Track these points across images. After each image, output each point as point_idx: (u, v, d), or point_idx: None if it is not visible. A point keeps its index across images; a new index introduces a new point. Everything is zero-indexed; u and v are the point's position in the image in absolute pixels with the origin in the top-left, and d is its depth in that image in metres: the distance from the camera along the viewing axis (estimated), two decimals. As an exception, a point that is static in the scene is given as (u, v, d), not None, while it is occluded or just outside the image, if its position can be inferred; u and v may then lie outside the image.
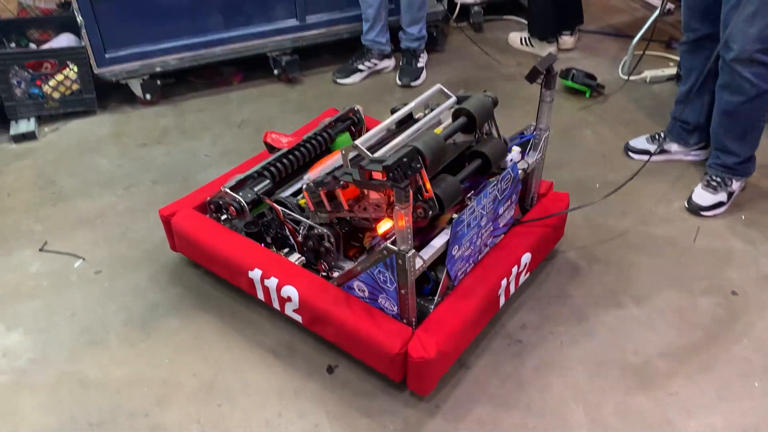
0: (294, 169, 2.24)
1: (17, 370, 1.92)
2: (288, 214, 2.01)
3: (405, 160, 1.51)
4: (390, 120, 1.91)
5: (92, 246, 2.36)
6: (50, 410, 1.81)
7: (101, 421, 1.77)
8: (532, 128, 2.09)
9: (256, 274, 1.95)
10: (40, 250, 2.35)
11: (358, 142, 1.73)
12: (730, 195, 2.47)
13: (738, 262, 2.25)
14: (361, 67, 3.39)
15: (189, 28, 3.18)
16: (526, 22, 3.67)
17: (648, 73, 3.33)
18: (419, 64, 3.39)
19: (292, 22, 3.35)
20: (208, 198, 2.14)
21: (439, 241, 1.77)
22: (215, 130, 3.00)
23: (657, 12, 3.49)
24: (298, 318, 1.92)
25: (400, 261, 1.64)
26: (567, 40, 3.62)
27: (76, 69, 2.99)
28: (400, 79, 3.36)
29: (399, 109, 1.98)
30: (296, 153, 2.25)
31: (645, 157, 2.71)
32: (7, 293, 2.17)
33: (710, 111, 2.54)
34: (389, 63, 3.48)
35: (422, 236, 1.79)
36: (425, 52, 3.45)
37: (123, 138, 2.95)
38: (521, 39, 3.63)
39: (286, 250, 2.03)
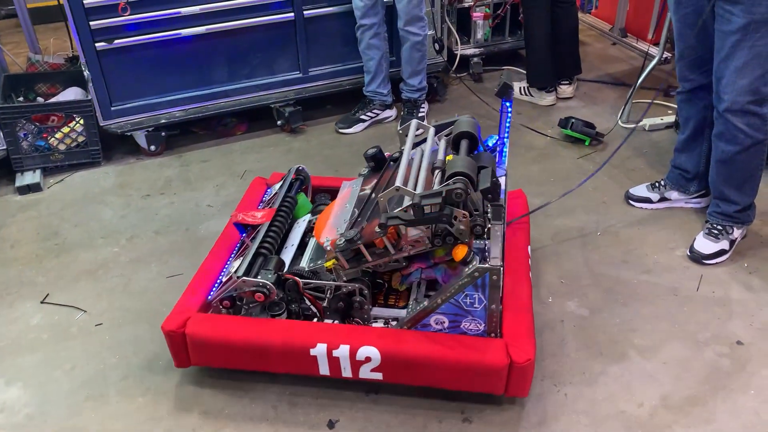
0: (281, 238, 2.20)
1: (15, 426, 1.90)
2: (308, 283, 1.95)
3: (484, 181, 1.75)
4: (404, 161, 1.96)
5: (94, 298, 2.36)
6: (47, 468, 1.78)
7: (98, 479, 1.75)
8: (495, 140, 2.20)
9: (320, 349, 1.83)
10: (42, 302, 2.35)
11: (399, 184, 1.79)
12: (732, 243, 2.47)
13: (742, 311, 2.23)
14: (363, 117, 3.44)
15: (194, 80, 3.24)
16: (524, 72, 3.74)
17: (647, 121, 3.36)
18: (420, 114, 3.44)
19: (295, 74, 3.42)
20: (220, 294, 1.97)
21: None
22: (218, 180, 3.04)
23: (655, 60, 3.56)
24: (378, 376, 1.86)
25: (494, 276, 1.75)
26: (565, 89, 3.68)
27: (82, 122, 3.05)
28: (401, 129, 3.39)
29: (397, 157, 2.01)
30: (277, 223, 2.20)
31: (646, 205, 2.73)
32: (7, 346, 2.17)
33: (709, 159, 2.55)
34: (391, 113, 3.53)
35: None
36: (426, 102, 3.50)
37: (127, 189, 2.99)
38: (520, 89, 3.69)
39: (315, 320, 1.98)
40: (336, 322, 1.96)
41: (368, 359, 1.83)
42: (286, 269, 2.02)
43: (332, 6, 3.32)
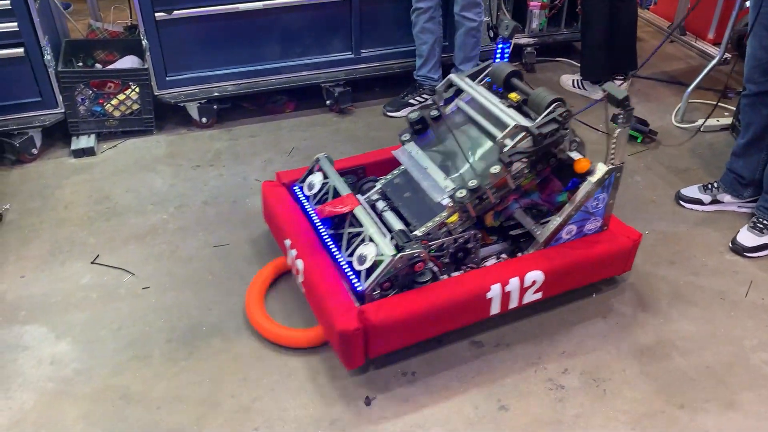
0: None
1: (63, 379, 1.96)
2: (430, 245, 2.01)
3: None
4: (472, 111, 2.21)
5: (142, 262, 2.41)
6: (92, 422, 1.84)
7: (140, 436, 1.80)
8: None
9: (495, 290, 2.00)
10: (92, 262, 2.41)
11: (493, 129, 2.07)
12: None
13: (792, 320, 2.18)
14: (411, 101, 3.43)
15: (247, 56, 3.27)
16: (578, 64, 3.68)
17: (702, 122, 3.28)
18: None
19: (347, 54, 3.42)
20: (377, 279, 1.91)
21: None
22: (266, 156, 3.07)
23: (715, 60, 3.47)
24: (538, 296, 2.10)
25: (618, 174, 2.09)
26: (619, 84, 3.61)
27: (137, 90, 3.10)
28: (449, 115, 3.38)
29: (437, 115, 2.28)
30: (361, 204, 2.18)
31: (697, 207, 2.67)
32: (58, 302, 2.24)
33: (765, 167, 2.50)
34: (440, 98, 3.51)
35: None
36: (476, 89, 3.47)
37: (177, 158, 3.04)
38: (573, 81, 3.63)
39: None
40: (453, 273, 2.09)
41: (534, 282, 2.05)
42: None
43: (388, -12, 3.31)
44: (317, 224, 2.18)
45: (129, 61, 3.26)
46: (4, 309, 2.20)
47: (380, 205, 2.20)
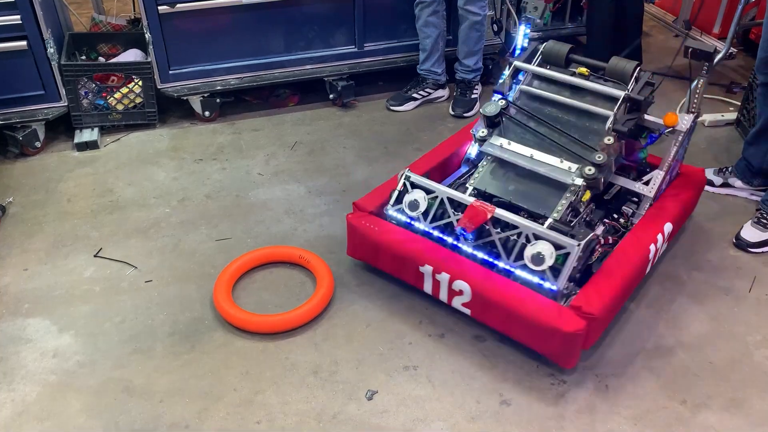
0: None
1: (66, 372, 1.97)
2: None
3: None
4: (559, 96, 2.29)
5: (145, 255, 2.41)
6: (95, 414, 1.84)
7: (143, 430, 1.80)
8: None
9: (652, 249, 2.13)
10: (95, 255, 2.42)
11: (589, 105, 2.20)
12: None
13: (796, 316, 2.17)
14: (415, 95, 3.42)
15: (250, 49, 3.26)
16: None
17: (706, 117, 3.27)
18: (473, 96, 3.41)
19: (351, 48, 3.41)
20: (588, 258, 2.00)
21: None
22: (269, 150, 3.06)
23: (720, 55, 3.44)
24: (665, 246, 2.26)
25: (696, 121, 2.30)
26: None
27: (140, 83, 3.10)
28: (453, 110, 3.38)
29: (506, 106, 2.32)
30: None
31: (708, 187, 2.69)
32: (62, 295, 2.24)
33: None
34: (443, 93, 3.50)
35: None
36: (480, 83, 3.46)
37: (180, 152, 3.04)
38: (577, 76, 3.61)
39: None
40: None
41: (667, 233, 2.24)
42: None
43: (392, -19, 3.30)
44: (447, 242, 2.12)
45: (132, 55, 3.26)
46: (8, 302, 2.20)
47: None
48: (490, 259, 2.04)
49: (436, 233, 2.15)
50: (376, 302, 2.21)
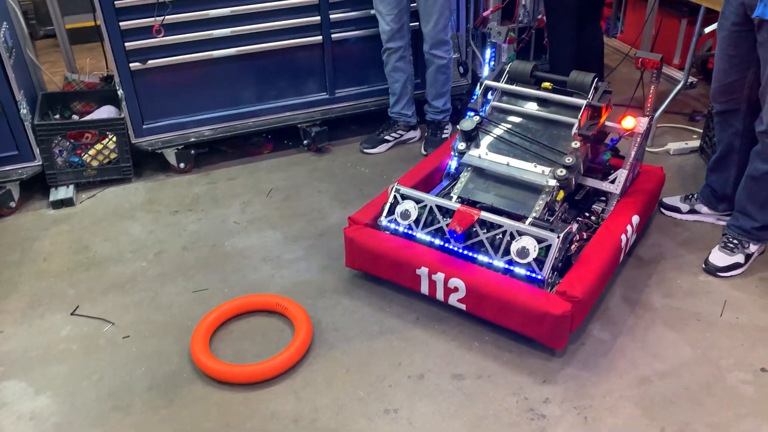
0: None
1: (43, 434, 1.95)
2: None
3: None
4: (528, 106, 2.58)
5: (122, 310, 2.41)
6: (73, 476, 1.82)
7: (122, 489, 1.78)
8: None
9: (624, 238, 2.36)
10: (72, 314, 2.41)
11: (555, 115, 2.46)
12: (747, 257, 2.48)
13: (766, 338, 2.21)
14: (387, 137, 3.49)
15: (223, 100, 3.32)
16: (549, 95, 3.76)
17: (671, 146, 3.36)
18: (444, 135, 3.48)
19: (322, 95, 3.49)
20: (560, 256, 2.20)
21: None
22: (245, 198, 3.09)
23: (680, 85, 3.56)
24: (634, 237, 2.46)
25: (651, 123, 2.58)
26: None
27: (114, 139, 3.14)
28: (425, 149, 3.44)
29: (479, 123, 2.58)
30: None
31: (675, 214, 2.75)
32: (38, 356, 2.22)
33: (736, 184, 2.57)
34: (415, 134, 3.57)
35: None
36: (450, 123, 3.54)
37: (156, 205, 3.06)
38: (544, 111, 3.71)
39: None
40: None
41: (636, 224, 2.44)
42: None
43: (359, 30, 3.39)
44: (439, 245, 2.33)
45: (106, 111, 3.30)
46: (-17, 365, 2.19)
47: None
48: (480, 257, 2.25)
49: (428, 238, 2.35)
50: (355, 344, 2.23)
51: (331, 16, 3.30)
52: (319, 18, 3.28)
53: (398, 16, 3.17)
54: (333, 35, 3.34)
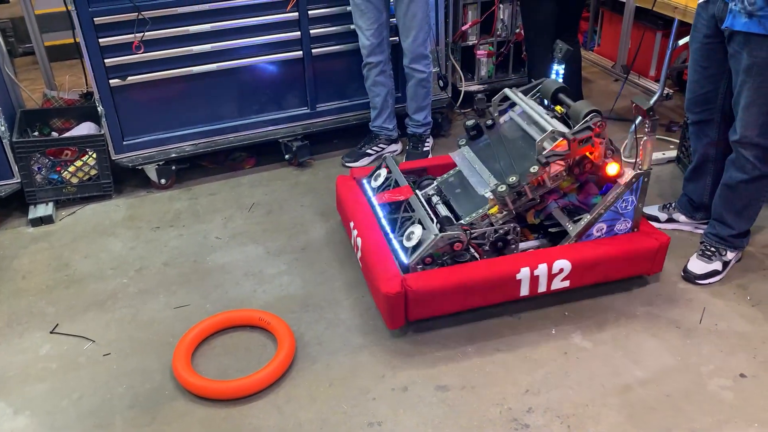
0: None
1: (22, 455, 1.92)
2: (473, 233, 2.32)
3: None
4: (521, 120, 2.58)
5: (103, 328, 2.39)
6: (52, 497, 1.79)
7: None
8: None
9: (524, 272, 2.26)
10: (51, 332, 2.38)
11: (535, 135, 2.39)
12: (725, 264, 2.52)
13: (745, 344, 2.24)
14: (369, 151, 3.50)
15: (204, 115, 3.32)
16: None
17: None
18: (425, 148, 3.50)
19: (303, 109, 3.50)
20: (419, 255, 2.25)
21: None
22: (226, 213, 3.09)
23: (656, 96, 3.62)
24: (566, 284, 2.33)
25: (646, 179, 2.35)
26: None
27: (94, 155, 3.12)
28: (406, 163, 3.46)
29: (491, 124, 2.67)
30: (416, 195, 2.57)
31: (653, 224, 2.78)
32: (16, 375, 2.19)
33: (712, 194, 2.62)
34: (396, 147, 3.59)
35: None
36: (431, 136, 3.57)
37: (137, 221, 3.04)
38: (524, 124, 3.75)
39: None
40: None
41: (561, 270, 2.29)
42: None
43: (339, 44, 3.41)
44: (376, 211, 2.56)
45: (86, 128, 3.28)
46: (-40, 386, 2.15)
47: (435, 199, 2.61)
48: (387, 228, 2.47)
49: (372, 199, 2.62)
50: (338, 358, 2.22)
51: (311, 32, 3.32)
52: (299, 33, 3.30)
53: (378, 30, 3.20)
54: (313, 50, 3.36)
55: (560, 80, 2.67)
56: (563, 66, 2.69)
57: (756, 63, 2.18)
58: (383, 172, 2.73)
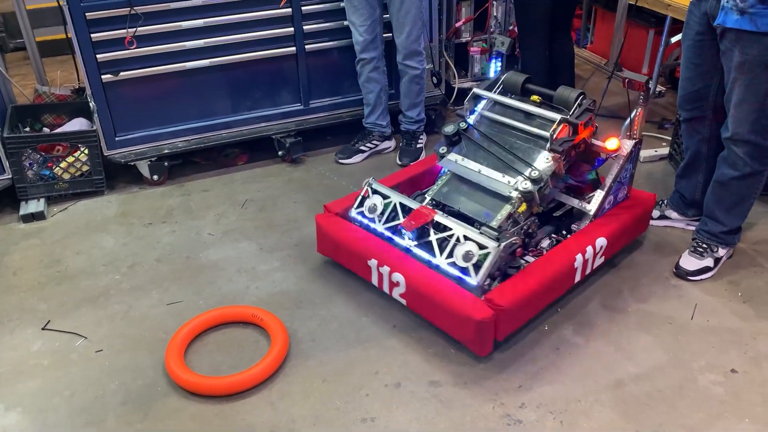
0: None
1: (13, 452, 1.91)
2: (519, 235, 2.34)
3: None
4: (505, 117, 2.55)
5: (94, 324, 2.38)
6: (44, 493, 1.79)
7: (95, 505, 1.75)
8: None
9: (579, 259, 2.31)
10: (43, 328, 2.37)
11: (532, 128, 2.42)
12: (717, 261, 2.53)
13: (736, 340, 2.25)
14: (362, 148, 3.50)
15: (197, 112, 3.31)
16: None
17: (641, 153, 3.42)
18: (418, 145, 3.50)
19: (297, 106, 3.49)
20: (489, 270, 2.17)
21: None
22: (219, 209, 3.08)
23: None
24: (602, 260, 2.44)
25: (639, 146, 2.52)
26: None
27: (86, 151, 3.10)
28: (400, 159, 3.46)
29: (465, 127, 2.57)
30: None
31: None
32: (7, 372, 2.18)
33: (704, 191, 2.63)
34: (390, 144, 3.59)
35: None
36: (424, 133, 3.57)
37: (129, 217, 3.03)
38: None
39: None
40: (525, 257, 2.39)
41: (601, 248, 2.40)
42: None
43: (333, 41, 3.40)
44: (395, 241, 2.40)
45: (78, 124, 3.27)
46: (-49, 383, 2.14)
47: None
48: (426, 256, 2.30)
49: (385, 232, 2.43)
50: (331, 354, 2.22)
51: (304, 27, 3.31)
52: (292, 29, 3.29)
53: (371, 27, 3.20)
54: (307, 46, 3.35)
55: (498, 73, 2.76)
56: (501, 58, 2.77)
57: (747, 60, 2.19)
58: (377, 199, 2.49)
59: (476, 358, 2.19)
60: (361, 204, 2.55)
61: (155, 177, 3.26)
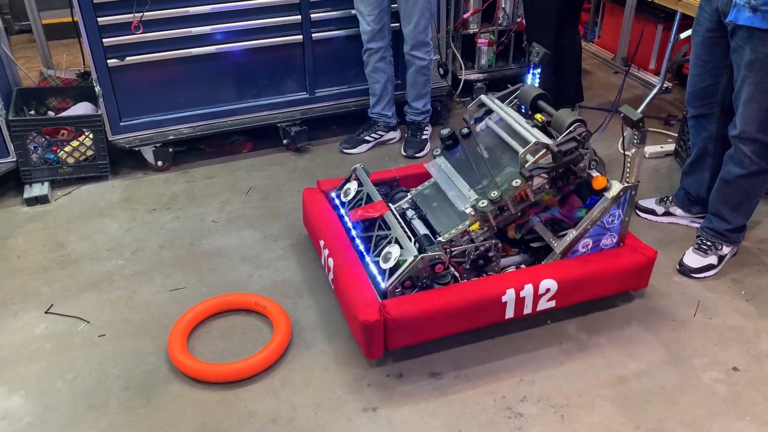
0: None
1: (16, 434, 1.92)
2: (453, 251, 2.17)
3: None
4: (499, 129, 2.37)
5: (98, 309, 2.38)
6: (46, 476, 1.80)
7: (97, 489, 1.76)
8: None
9: (510, 294, 2.12)
10: (46, 312, 2.37)
11: (517, 146, 2.18)
12: (720, 258, 2.53)
13: (738, 338, 2.25)
14: (367, 138, 3.49)
15: (202, 98, 3.30)
16: (527, 97, 3.79)
17: (647, 149, 3.41)
18: (423, 137, 3.49)
19: (302, 94, 3.48)
20: (398, 278, 2.07)
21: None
22: (223, 197, 3.08)
23: (656, 90, 3.62)
24: (552, 303, 2.19)
25: (633, 192, 2.22)
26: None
27: (91, 136, 3.10)
28: (404, 150, 3.45)
29: (466, 133, 2.45)
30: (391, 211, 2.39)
31: (650, 216, 2.79)
32: (11, 355, 2.19)
33: (709, 188, 2.63)
34: (395, 134, 3.58)
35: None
36: (429, 125, 3.55)
37: (133, 203, 3.03)
38: (523, 114, 3.74)
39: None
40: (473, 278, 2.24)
41: (547, 290, 2.16)
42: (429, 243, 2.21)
43: (340, 29, 3.39)
44: (350, 227, 2.39)
45: (83, 108, 3.26)
46: (-46, 364, 2.15)
47: (410, 213, 2.41)
48: (362, 249, 2.30)
49: (345, 216, 2.45)
50: (334, 344, 2.22)
51: (311, 16, 3.29)
52: (299, 17, 3.28)
53: (379, 16, 3.18)
54: (313, 34, 3.34)
55: (536, 84, 2.49)
56: (539, 70, 2.50)
57: (758, 58, 2.18)
58: (353, 185, 2.51)
59: (477, 350, 2.20)
60: (342, 187, 2.59)
61: (159, 163, 3.26)
